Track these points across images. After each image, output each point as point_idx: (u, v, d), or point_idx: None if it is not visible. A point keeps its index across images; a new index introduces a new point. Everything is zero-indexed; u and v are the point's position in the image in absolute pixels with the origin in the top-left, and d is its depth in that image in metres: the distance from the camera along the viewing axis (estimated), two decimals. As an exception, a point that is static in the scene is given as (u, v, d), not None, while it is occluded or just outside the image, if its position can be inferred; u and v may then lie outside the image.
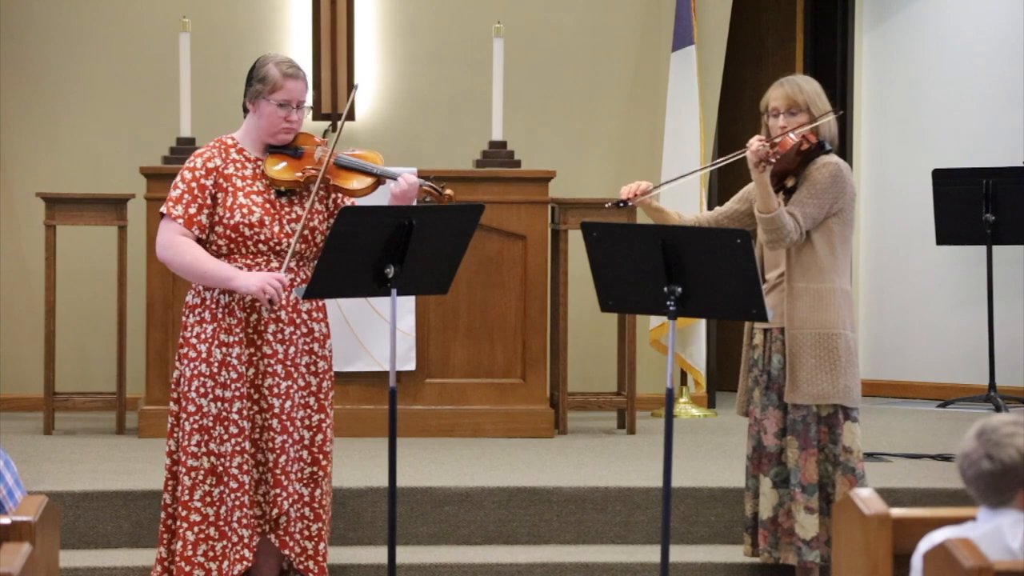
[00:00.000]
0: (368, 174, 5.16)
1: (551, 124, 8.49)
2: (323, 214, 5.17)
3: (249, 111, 5.15)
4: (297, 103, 5.10)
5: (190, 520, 5.02)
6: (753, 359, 5.51)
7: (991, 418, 3.22)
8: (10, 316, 8.23)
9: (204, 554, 5.02)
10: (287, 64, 5.12)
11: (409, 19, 8.49)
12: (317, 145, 5.17)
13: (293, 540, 5.08)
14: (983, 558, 2.99)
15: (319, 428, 5.13)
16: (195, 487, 5.02)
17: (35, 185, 7.88)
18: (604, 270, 4.97)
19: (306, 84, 5.15)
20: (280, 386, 5.06)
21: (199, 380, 5.03)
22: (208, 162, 5.08)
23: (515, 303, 7.46)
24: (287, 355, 5.08)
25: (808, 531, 5.34)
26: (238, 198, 5.05)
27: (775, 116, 5.41)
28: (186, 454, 5.03)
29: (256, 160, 5.13)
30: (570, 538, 6.03)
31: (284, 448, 5.04)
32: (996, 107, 8.84)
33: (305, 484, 5.10)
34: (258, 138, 5.15)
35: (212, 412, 5.02)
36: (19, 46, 8.26)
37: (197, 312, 5.08)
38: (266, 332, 5.06)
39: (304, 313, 5.13)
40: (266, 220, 5.05)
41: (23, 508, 3.35)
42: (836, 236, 5.40)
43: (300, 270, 5.13)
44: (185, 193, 5.04)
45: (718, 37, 8.57)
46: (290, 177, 5.09)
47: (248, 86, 5.14)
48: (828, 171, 5.36)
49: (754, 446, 5.48)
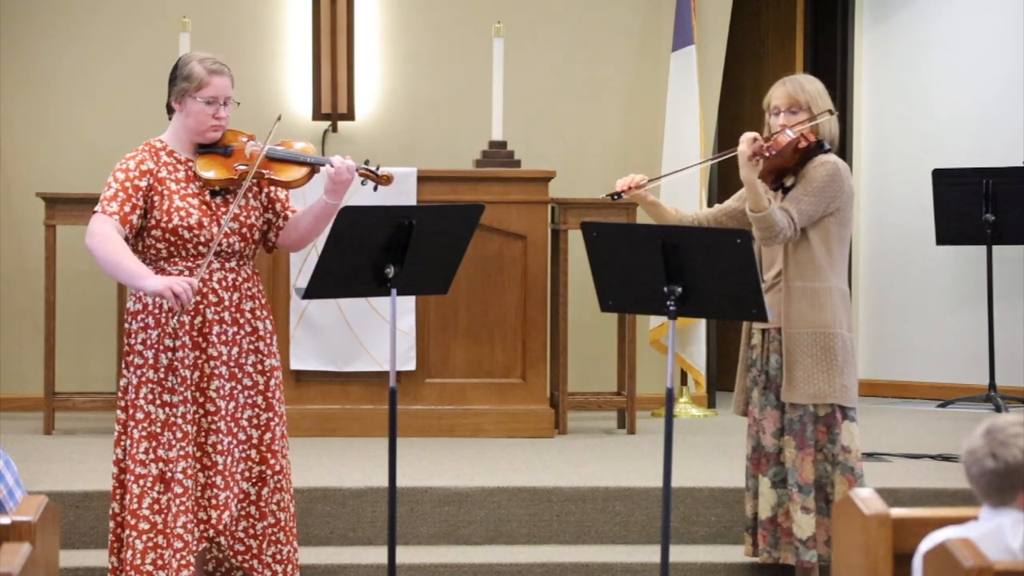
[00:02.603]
0: (302, 163, 5.11)
1: (551, 124, 8.48)
2: (258, 210, 5.14)
3: (175, 111, 5.11)
4: (224, 99, 5.07)
5: (139, 528, 4.97)
6: (752, 359, 5.52)
7: (999, 417, 3.23)
8: (10, 316, 8.23)
9: (153, 562, 4.96)
10: (211, 61, 5.08)
11: (409, 19, 8.48)
12: (248, 140, 5.14)
13: (234, 538, 5.07)
14: (983, 558, 2.99)
15: (267, 427, 5.09)
16: (143, 495, 4.97)
17: (35, 185, 7.88)
18: (604, 270, 4.97)
19: (231, 80, 5.10)
20: (225, 388, 5.03)
21: (147, 387, 4.99)
22: (141, 164, 5.04)
23: (515, 303, 7.46)
24: (231, 356, 5.05)
25: (805, 531, 5.34)
26: (174, 201, 5.01)
27: (776, 114, 5.42)
28: (135, 462, 4.99)
29: (187, 161, 5.09)
30: (570, 538, 6.03)
31: (229, 449, 5.02)
32: (996, 107, 8.84)
33: (252, 483, 5.07)
34: (187, 138, 5.10)
35: (160, 418, 4.99)
36: (19, 46, 8.26)
37: (140, 318, 5.04)
38: (211, 334, 5.02)
39: (248, 312, 5.09)
40: (204, 221, 5.01)
41: (23, 508, 3.35)
42: (833, 236, 5.40)
43: (241, 269, 5.10)
44: (119, 191, 4.99)
45: (718, 37, 8.57)
46: (224, 176, 5.05)
47: (172, 85, 5.09)
48: (826, 170, 5.36)
49: (753, 446, 5.49)
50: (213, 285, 5.04)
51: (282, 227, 5.19)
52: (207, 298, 5.03)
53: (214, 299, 5.04)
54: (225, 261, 5.05)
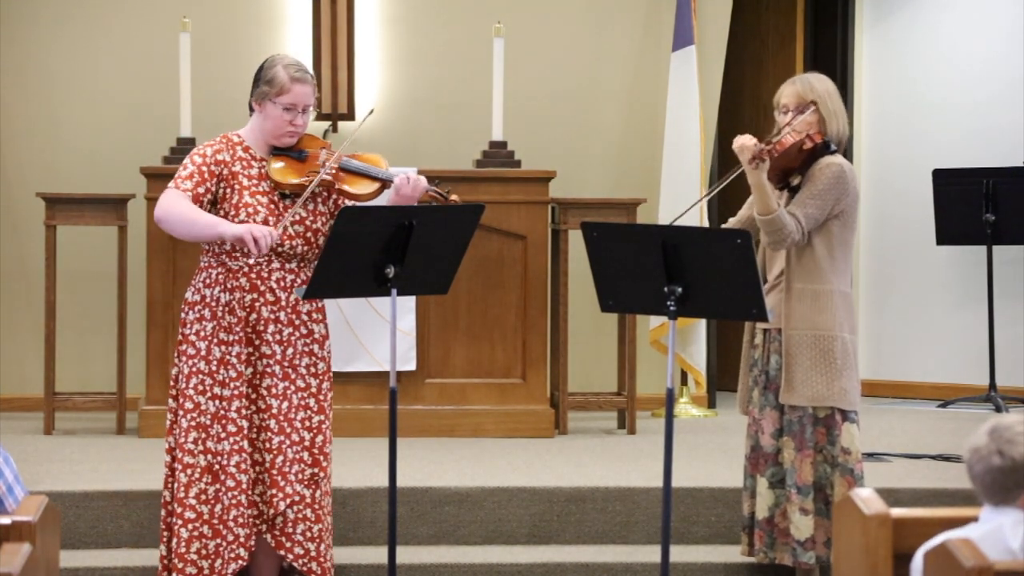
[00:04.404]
0: (373, 178, 5.16)
1: (551, 124, 8.48)
2: (325, 216, 5.17)
3: (254, 111, 5.16)
4: (303, 107, 5.10)
5: (185, 517, 5.03)
6: (754, 359, 5.51)
7: (1004, 416, 3.24)
8: (10, 316, 8.23)
9: (198, 552, 5.02)
10: (295, 67, 5.11)
11: (409, 19, 8.48)
12: (321, 147, 5.17)
13: (292, 541, 5.08)
14: (983, 558, 2.99)
15: (319, 429, 5.12)
16: (191, 484, 5.03)
17: (35, 185, 7.88)
18: (604, 270, 4.97)
19: (313, 88, 5.14)
20: (278, 387, 5.06)
21: (197, 377, 5.04)
22: (217, 154, 5.10)
23: (515, 303, 7.46)
24: (285, 356, 5.08)
25: (803, 532, 5.34)
26: (243, 197, 5.06)
27: (784, 113, 5.40)
28: (183, 451, 5.04)
29: (261, 160, 5.14)
30: (570, 538, 6.03)
31: (281, 449, 5.05)
32: (996, 107, 8.84)
33: (306, 485, 5.10)
34: (262, 138, 5.15)
35: (210, 410, 5.03)
36: (19, 46, 8.26)
37: (197, 309, 5.08)
38: (265, 332, 5.06)
39: (304, 314, 5.13)
40: (270, 221, 5.05)
41: (23, 508, 3.35)
42: (835, 238, 5.39)
43: (301, 271, 5.13)
44: (195, 173, 5.05)
45: (718, 37, 8.56)
46: (295, 180, 5.09)
47: (255, 86, 5.13)
48: (831, 172, 5.35)
49: (752, 446, 5.49)
50: (271, 284, 5.07)
51: None
52: (264, 296, 5.06)
53: (271, 298, 5.07)
54: (286, 262, 5.09)
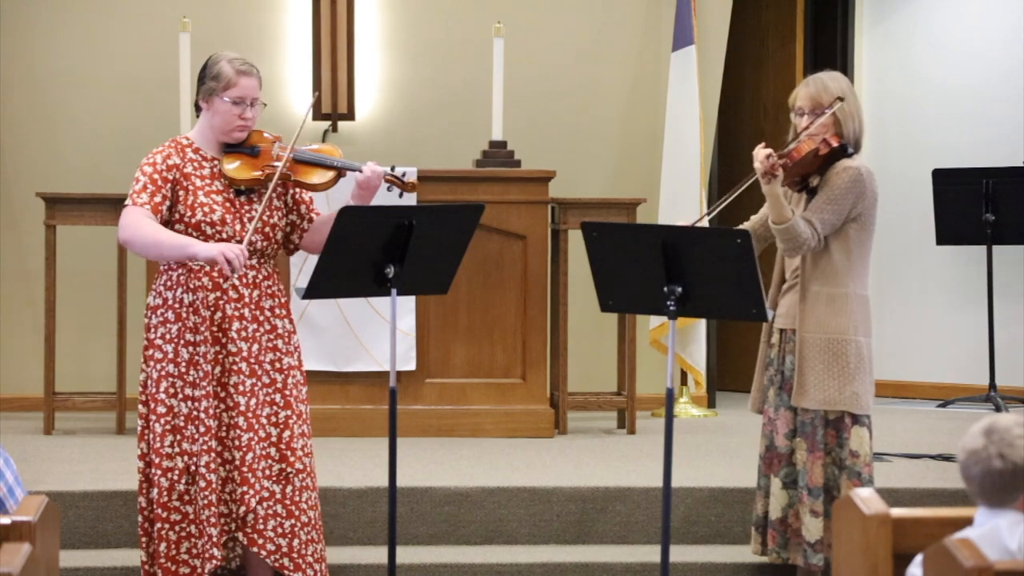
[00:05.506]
0: (329, 167, 5.13)
1: (551, 124, 8.48)
2: (281, 210, 5.16)
3: (202, 110, 5.14)
4: (251, 100, 5.09)
5: (171, 520, 5.03)
6: (770, 358, 5.49)
7: (998, 418, 3.22)
8: (10, 316, 8.23)
9: (188, 551, 5.04)
10: (240, 61, 5.11)
11: (409, 19, 8.48)
12: (272, 142, 5.16)
13: (264, 538, 5.06)
14: (983, 558, 2.99)
15: (285, 425, 5.11)
16: (172, 487, 5.03)
17: (35, 185, 7.88)
18: (604, 270, 4.97)
19: (259, 81, 5.13)
20: (245, 383, 5.05)
21: (167, 381, 5.04)
22: (167, 159, 5.08)
23: (515, 303, 7.46)
24: (251, 353, 5.07)
25: (813, 534, 5.33)
26: (198, 197, 5.05)
27: (800, 115, 5.38)
28: (159, 456, 5.04)
29: (213, 159, 5.12)
30: (570, 538, 6.03)
31: (250, 445, 5.04)
32: (996, 107, 8.84)
33: (275, 481, 5.09)
34: (213, 137, 5.13)
35: (183, 411, 5.04)
36: (19, 46, 8.26)
37: (160, 313, 5.07)
38: (231, 330, 5.05)
39: (267, 310, 5.12)
40: (227, 218, 5.04)
41: (23, 508, 3.35)
42: (852, 241, 5.35)
43: (262, 267, 5.12)
44: (148, 184, 5.02)
45: (718, 37, 8.56)
46: (250, 176, 5.07)
47: (200, 84, 5.12)
48: (848, 176, 5.31)
49: (767, 445, 5.47)
50: (234, 281, 5.06)
51: (306, 229, 5.21)
52: (227, 294, 5.05)
53: (234, 295, 5.06)
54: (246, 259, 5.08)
